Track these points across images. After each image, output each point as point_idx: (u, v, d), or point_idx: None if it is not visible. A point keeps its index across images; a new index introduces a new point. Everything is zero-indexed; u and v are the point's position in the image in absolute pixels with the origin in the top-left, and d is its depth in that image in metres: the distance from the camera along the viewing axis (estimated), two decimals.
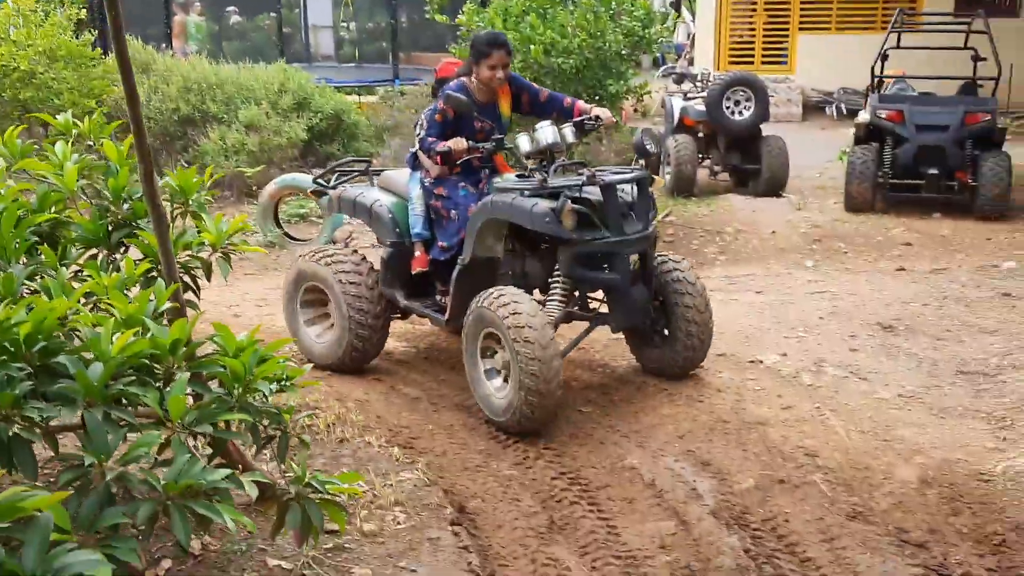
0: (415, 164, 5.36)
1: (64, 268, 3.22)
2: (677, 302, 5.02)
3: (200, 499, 2.42)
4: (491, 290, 4.70)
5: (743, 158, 11.10)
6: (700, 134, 11.07)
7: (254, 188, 9.57)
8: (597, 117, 5.14)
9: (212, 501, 2.47)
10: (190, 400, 2.71)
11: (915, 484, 4.11)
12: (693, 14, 20.05)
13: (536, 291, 5.13)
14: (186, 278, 3.55)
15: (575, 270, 4.79)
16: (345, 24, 21.06)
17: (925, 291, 7.02)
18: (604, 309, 5.10)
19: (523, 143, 4.93)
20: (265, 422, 2.88)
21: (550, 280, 4.97)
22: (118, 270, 3.43)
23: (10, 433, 2.30)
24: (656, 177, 5.22)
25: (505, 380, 4.65)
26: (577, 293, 5.07)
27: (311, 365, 5.32)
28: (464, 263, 5.00)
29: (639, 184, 4.86)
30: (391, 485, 4.07)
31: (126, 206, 3.65)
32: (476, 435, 4.72)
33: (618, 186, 4.75)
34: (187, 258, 3.57)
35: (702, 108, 10.84)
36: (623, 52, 9.44)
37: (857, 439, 4.54)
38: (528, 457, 4.46)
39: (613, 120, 5.27)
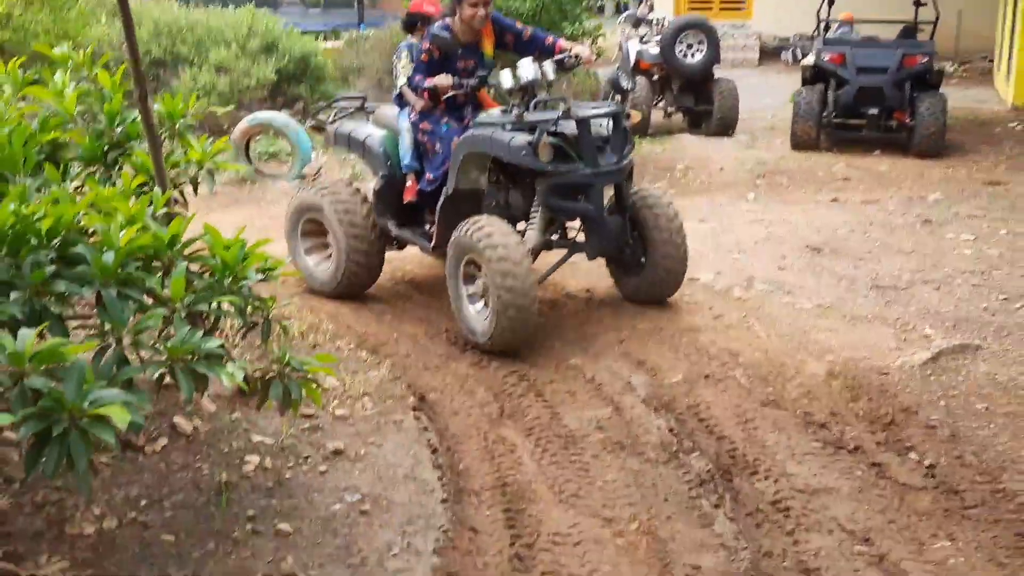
0: (401, 102, 5.68)
1: (66, 183, 3.67)
2: (653, 232, 5.30)
3: (200, 362, 2.90)
4: (472, 219, 4.96)
5: (696, 100, 11.61)
6: (655, 77, 11.53)
7: (225, 127, 9.92)
8: (577, 55, 5.36)
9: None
10: None
11: (822, 377, 4.67)
12: None
13: (522, 223, 5.36)
14: (175, 193, 4.02)
15: (552, 200, 5.07)
16: None
17: (854, 219, 7.59)
18: (582, 238, 5.40)
19: (505, 79, 5.12)
20: (250, 309, 3.36)
21: (531, 210, 5.27)
22: (115, 185, 3.89)
23: (42, 304, 2.77)
24: (633, 112, 5.54)
25: (486, 304, 4.94)
26: (556, 222, 5.34)
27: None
28: (448, 194, 5.28)
29: (614, 119, 5.09)
30: (360, 380, 4.59)
31: (119, 129, 4.08)
32: (436, 341, 5.23)
33: (593, 120, 4.98)
34: (175, 174, 4.02)
35: (656, 51, 11.29)
36: None
37: (776, 341, 5.09)
38: (483, 359, 4.97)
39: (592, 57, 5.51)
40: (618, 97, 5.33)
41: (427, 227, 5.62)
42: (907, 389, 4.55)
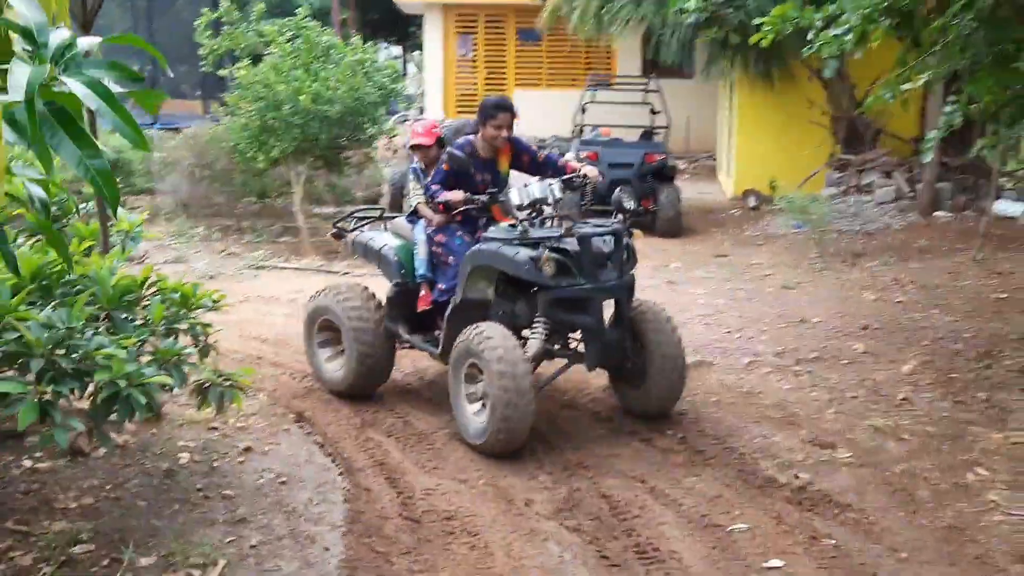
0: (413, 218, 6.04)
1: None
2: (653, 346, 5.44)
3: (183, 361, 4.05)
4: (475, 326, 5.15)
5: None
6: None
7: None
8: (585, 175, 5.66)
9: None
10: None
11: (604, 389, 6.21)
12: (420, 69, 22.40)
13: (526, 331, 5.47)
14: None
15: (553, 312, 5.24)
16: None
17: None
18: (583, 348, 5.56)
19: (514, 196, 5.28)
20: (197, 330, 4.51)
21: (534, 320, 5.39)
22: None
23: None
24: (636, 232, 5.87)
25: (484, 407, 5.11)
26: (557, 332, 5.50)
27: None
28: (456, 303, 5.51)
29: (616, 236, 5.35)
30: (246, 406, 5.69)
31: (55, 208, 5.15)
32: (297, 379, 6.42)
33: (594, 238, 5.22)
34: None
35: None
36: (376, 101, 11.39)
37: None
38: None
39: (599, 177, 5.83)
40: (620, 216, 5.55)
41: (436, 333, 5.81)
42: None
